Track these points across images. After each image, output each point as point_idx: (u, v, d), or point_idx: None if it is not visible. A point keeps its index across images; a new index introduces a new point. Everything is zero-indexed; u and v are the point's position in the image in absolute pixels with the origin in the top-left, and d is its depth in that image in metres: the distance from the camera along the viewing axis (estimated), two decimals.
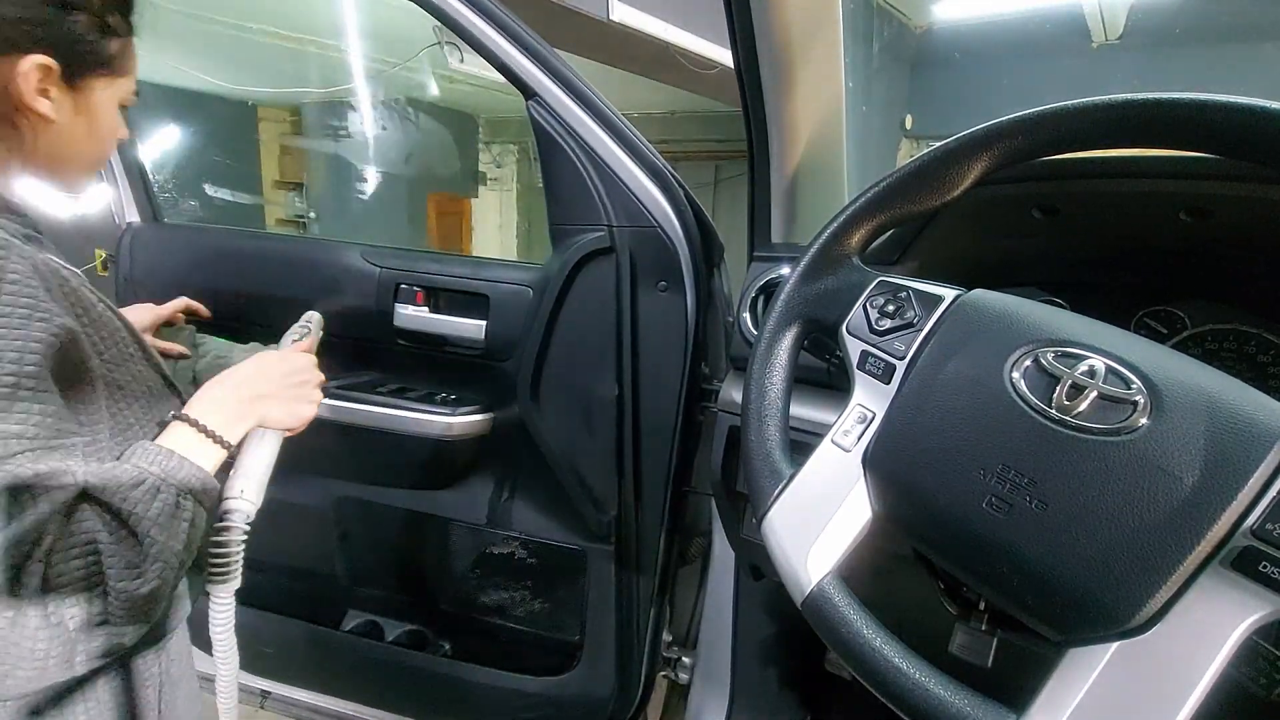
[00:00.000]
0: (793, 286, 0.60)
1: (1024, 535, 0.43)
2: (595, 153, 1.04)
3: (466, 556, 1.30)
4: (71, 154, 0.67)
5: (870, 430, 0.52)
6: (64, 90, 0.63)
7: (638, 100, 6.49)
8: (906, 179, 0.57)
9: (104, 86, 0.67)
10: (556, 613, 1.27)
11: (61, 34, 0.61)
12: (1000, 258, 0.83)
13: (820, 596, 0.49)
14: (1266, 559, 0.37)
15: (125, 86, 0.69)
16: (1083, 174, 0.69)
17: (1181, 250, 0.72)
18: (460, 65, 4.62)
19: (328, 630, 1.36)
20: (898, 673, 0.44)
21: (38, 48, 0.60)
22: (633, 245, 1.06)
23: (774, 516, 0.53)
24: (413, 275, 1.23)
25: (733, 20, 0.80)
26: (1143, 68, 4.65)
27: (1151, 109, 0.47)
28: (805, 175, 0.90)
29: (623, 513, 1.15)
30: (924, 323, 0.53)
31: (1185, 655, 0.38)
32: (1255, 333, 0.71)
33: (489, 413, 1.22)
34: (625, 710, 1.23)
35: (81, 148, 0.68)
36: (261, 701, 1.42)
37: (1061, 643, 0.42)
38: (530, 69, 1.03)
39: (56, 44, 0.61)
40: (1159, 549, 0.40)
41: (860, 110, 4.64)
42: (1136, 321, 0.76)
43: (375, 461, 1.26)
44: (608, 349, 1.09)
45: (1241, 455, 0.39)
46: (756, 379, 0.59)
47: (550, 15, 3.42)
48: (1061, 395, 0.45)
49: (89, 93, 0.65)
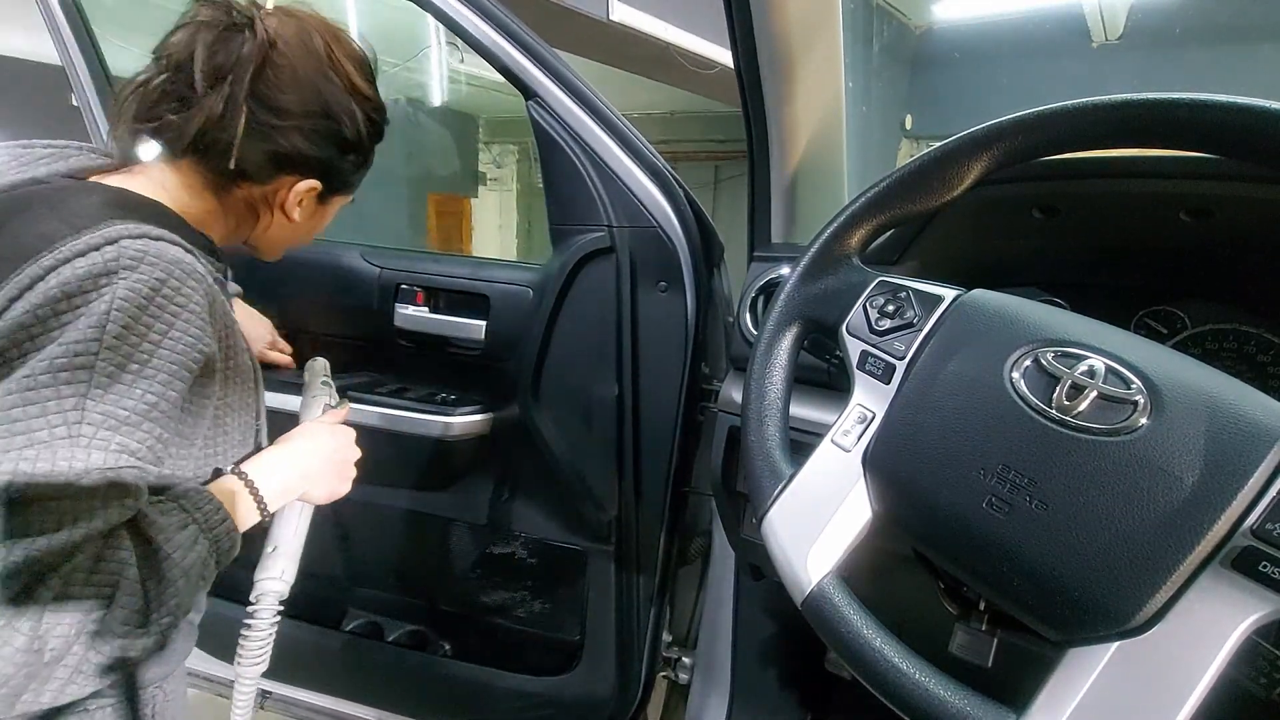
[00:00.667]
0: (793, 286, 0.60)
1: (1024, 535, 0.43)
2: (595, 153, 1.04)
3: (467, 556, 1.30)
4: (286, 243, 0.81)
5: (870, 430, 0.52)
6: (312, 204, 0.77)
7: (638, 100, 6.49)
8: (906, 179, 0.57)
9: (339, 202, 0.81)
10: (557, 613, 1.27)
11: (335, 169, 0.75)
12: (1000, 258, 0.83)
13: (820, 596, 0.49)
14: (1266, 559, 0.37)
15: (348, 199, 0.83)
16: (1083, 174, 0.69)
17: (1181, 250, 0.72)
18: (460, 65, 4.62)
19: (328, 630, 1.36)
20: (898, 673, 0.44)
21: (315, 175, 0.73)
22: (633, 245, 1.06)
23: (774, 516, 0.53)
24: (413, 275, 1.23)
25: (733, 20, 0.80)
26: (1143, 68, 4.65)
27: (1151, 109, 0.47)
28: (805, 175, 0.90)
29: (623, 513, 1.15)
30: (924, 323, 0.53)
31: (1185, 655, 0.38)
32: (1255, 333, 0.71)
33: (489, 413, 1.22)
34: (625, 710, 1.23)
35: (296, 239, 0.81)
36: (261, 701, 1.42)
37: (1061, 643, 0.42)
38: (530, 69, 1.03)
39: (328, 175, 0.75)
40: (1159, 549, 0.40)
41: (860, 110, 4.64)
42: (1136, 321, 0.76)
43: (375, 461, 1.26)
44: (608, 349, 1.09)
45: (1241, 455, 0.39)
46: (756, 379, 0.59)
47: (550, 15, 3.42)
48: (1061, 395, 0.45)
49: (328, 206, 0.81)
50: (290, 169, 0.71)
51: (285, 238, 0.80)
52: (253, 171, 0.70)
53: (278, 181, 0.72)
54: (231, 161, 0.67)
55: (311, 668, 1.38)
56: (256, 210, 0.74)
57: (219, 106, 0.65)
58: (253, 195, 0.72)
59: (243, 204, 0.73)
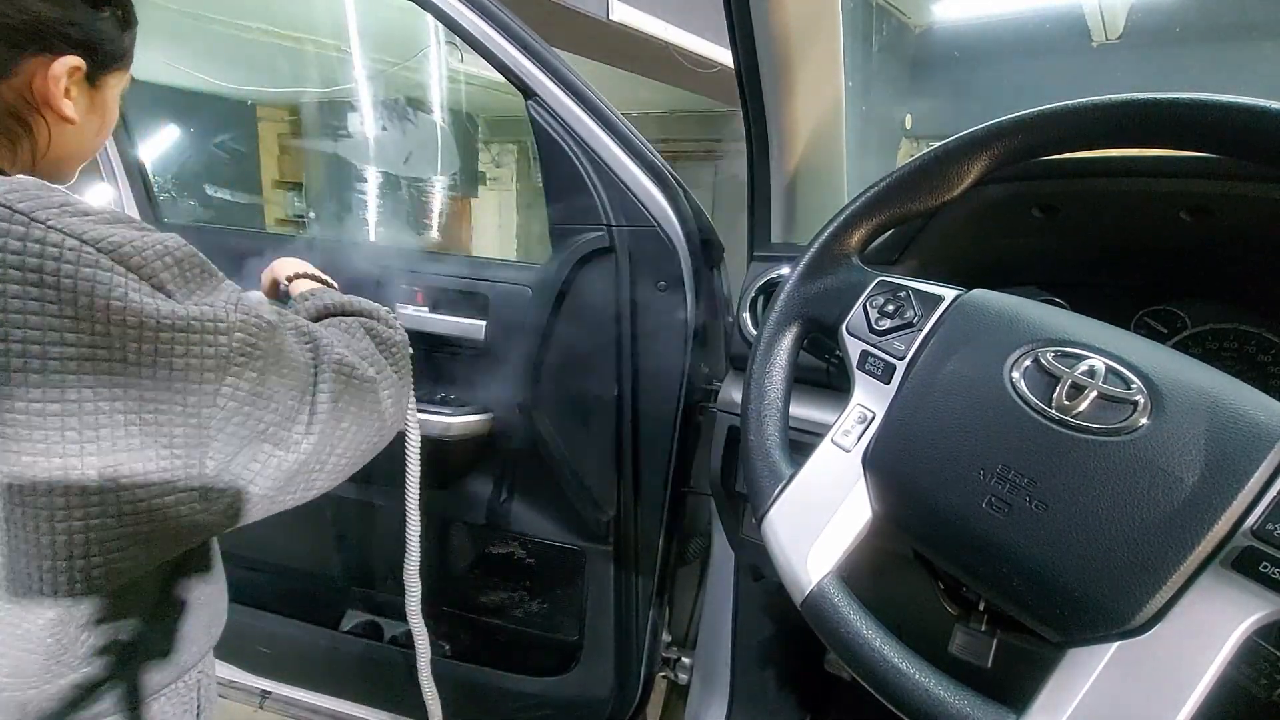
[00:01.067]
0: (792, 286, 0.60)
1: (1024, 535, 0.43)
2: (595, 153, 1.04)
3: (466, 556, 1.30)
4: (78, 151, 0.66)
5: (870, 430, 0.52)
6: (83, 89, 0.62)
7: (638, 100, 6.49)
8: (906, 179, 0.57)
9: (116, 82, 0.66)
10: (556, 613, 1.27)
11: (92, 33, 0.60)
12: (1000, 257, 0.83)
13: (820, 596, 0.49)
14: (1267, 559, 0.37)
15: (128, 75, 0.68)
16: (1083, 173, 0.69)
17: (1181, 250, 0.72)
18: (460, 65, 4.62)
19: (327, 630, 1.36)
20: (897, 673, 0.44)
21: (69, 48, 0.59)
22: (632, 245, 1.06)
23: (774, 516, 0.53)
24: (413, 275, 1.23)
25: (733, 20, 0.80)
26: (1143, 68, 4.65)
27: (1151, 109, 0.46)
28: (805, 175, 0.90)
29: (622, 513, 1.15)
30: (924, 323, 0.53)
31: (1185, 655, 0.38)
32: (1255, 332, 0.71)
33: (489, 413, 1.22)
34: (624, 711, 1.23)
35: (88, 144, 0.67)
36: (261, 701, 1.42)
37: (1061, 643, 0.42)
38: (530, 69, 1.03)
39: (87, 44, 0.60)
40: (1159, 549, 0.40)
41: (860, 110, 4.64)
42: (1136, 321, 0.76)
43: (375, 461, 1.26)
44: (607, 349, 1.09)
45: (1242, 455, 0.39)
46: (756, 379, 0.59)
47: (550, 15, 3.42)
48: (1061, 395, 0.45)
49: (104, 89, 0.65)
50: (33, 45, 0.57)
51: (73, 146, 0.64)
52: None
53: (25, 67, 0.57)
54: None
55: (311, 668, 1.38)
56: (24, 120, 0.59)
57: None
58: (7, 100, 0.58)
59: (4, 117, 0.59)
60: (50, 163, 0.64)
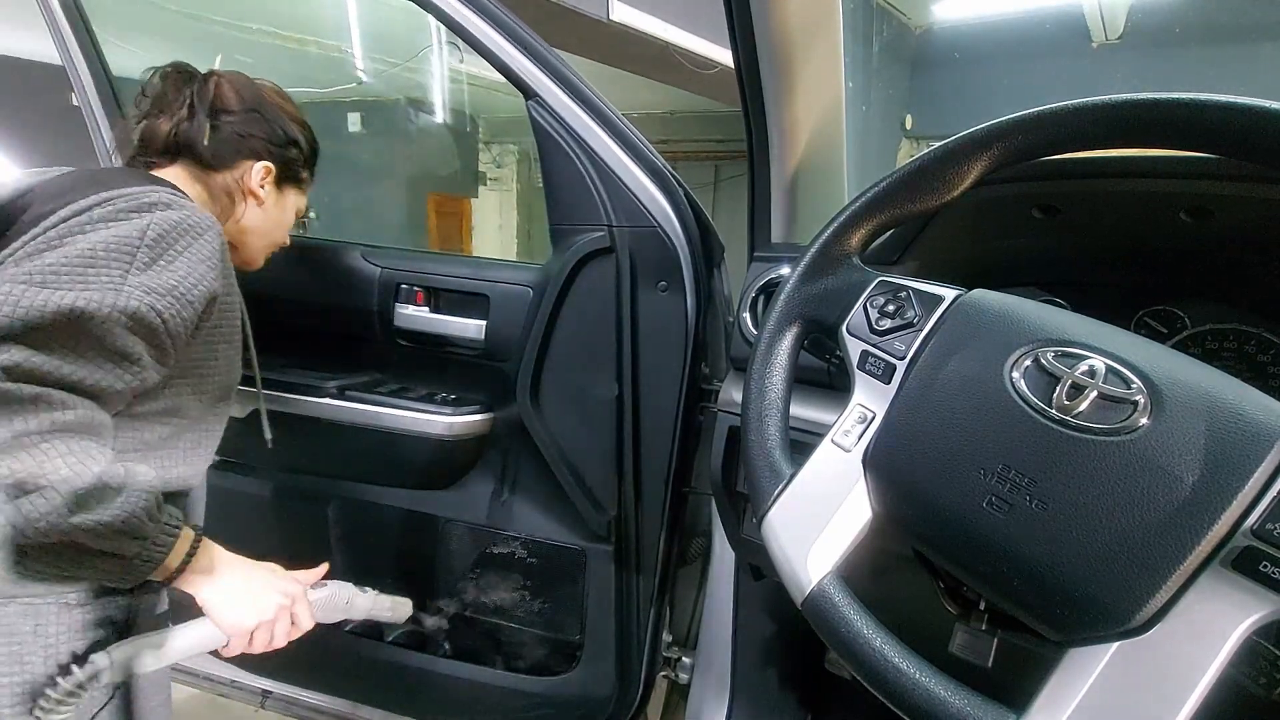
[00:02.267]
0: (793, 286, 0.60)
1: (1024, 535, 0.43)
2: (595, 153, 1.04)
3: (466, 556, 1.30)
4: (260, 232, 1.00)
5: (870, 430, 0.52)
6: (274, 188, 0.99)
7: (638, 100, 6.49)
8: (906, 179, 0.57)
9: (294, 195, 1.03)
10: (556, 613, 1.27)
11: (282, 155, 0.98)
12: (1000, 258, 0.83)
13: (820, 596, 0.49)
14: (1267, 559, 0.37)
15: (303, 202, 1.06)
16: (1083, 174, 0.69)
17: (1181, 250, 0.72)
18: (460, 65, 4.62)
19: (328, 630, 1.36)
20: (898, 672, 0.44)
21: (267, 159, 0.96)
22: (633, 245, 1.06)
23: (774, 516, 0.53)
24: (413, 275, 1.23)
25: (733, 20, 0.80)
26: (1143, 68, 4.65)
27: (1151, 109, 0.47)
28: (805, 175, 0.90)
29: (623, 513, 1.15)
30: (924, 323, 0.53)
31: (1185, 655, 0.38)
32: (1255, 333, 0.71)
33: (489, 413, 1.22)
34: (625, 710, 1.23)
35: (268, 230, 1.01)
36: (262, 701, 1.42)
37: (1061, 643, 0.42)
38: (530, 69, 1.03)
39: (277, 160, 0.97)
40: (1159, 549, 0.40)
41: (860, 110, 4.65)
42: (1136, 321, 0.76)
43: (375, 461, 1.26)
44: (608, 349, 1.09)
45: (1242, 455, 0.39)
46: (756, 379, 0.59)
47: (550, 15, 3.42)
48: (1061, 395, 0.45)
49: (285, 195, 1.01)
50: (246, 153, 0.94)
51: (259, 228, 0.99)
52: (222, 157, 0.93)
53: (241, 165, 0.94)
54: (205, 142, 0.91)
55: (311, 668, 1.38)
56: (233, 197, 0.95)
57: (183, 111, 0.90)
58: (228, 182, 0.94)
59: (223, 191, 0.94)
60: (240, 233, 0.97)
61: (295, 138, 0.99)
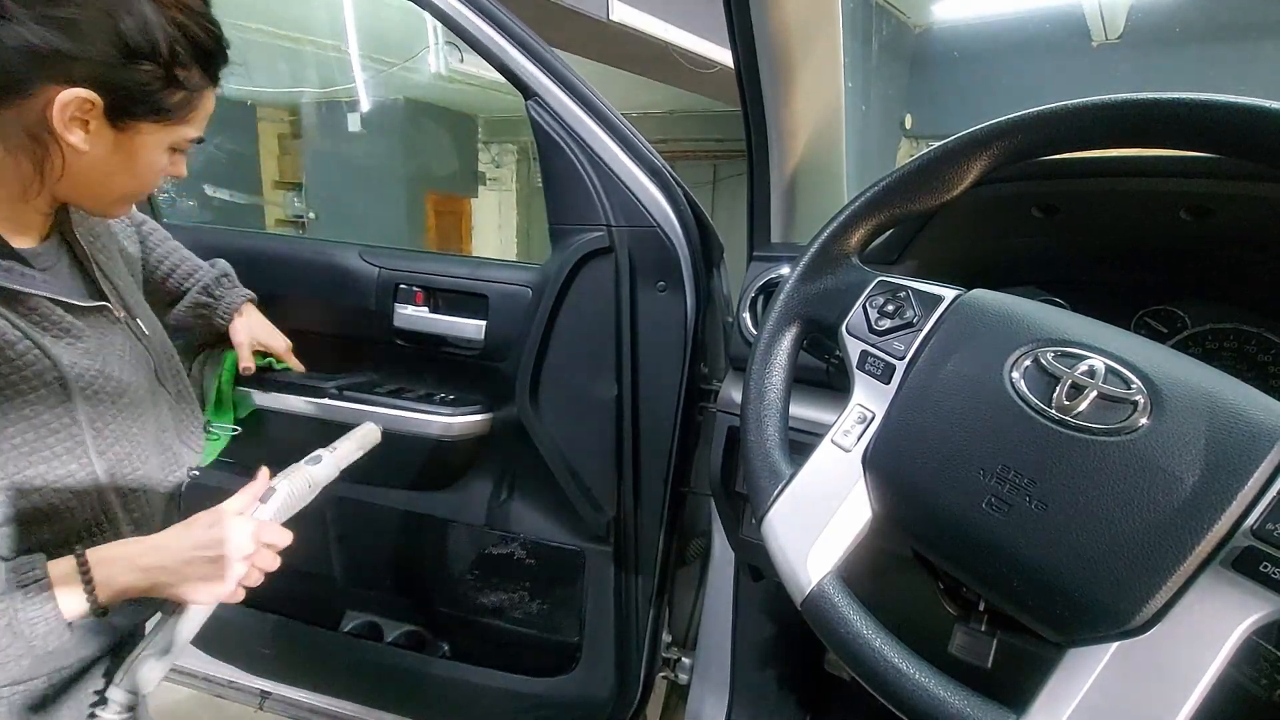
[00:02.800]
0: (792, 286, 0.60)
1: (1024, 535, 0.43)
2: (595, 153, 1.04)
3: (465, 557, 1.30)
4: (101, 185, 0.68)
5: (870, 430, 0.52)
6: (105, 125, 0.64)
7: (637, 100, 6.49)
8: (906, 179, 0.57)
9: (153, 130, 0.67)
10: (555, 613, 1.27)
11: (116, 78, 0.62)
12: (1000, 257, 0.83)
13: (820, 596, 0.49)
14: (1267, 559, 0.37)
15: (181, 133, 0.69)
16: (1083, 173, 0.69)
17: (1181, 250, 0.72)
18: (460, 65, 4.62)
19: (327, 631, 1.36)
20: (897, 673, 0.44)
21: (84, 84, 0.60)
22: (632, 245, 1.06)
23: (773, 517, 0.53)
24: (412, 275, 1.23)
25: (733, 20, 0.80)
26: (1143, 68, 4.65)
27: (1151, 109, 0.46)
28: (805, 175, 0.90)
29: (622, 513, 1.15)
30: (924, 323, 0.53)
31: (1185, 655, 0.38)
32: (1255, 332, 0.71)
33: (489, 413, 1.22)
34: (624, 711, 1.22)
35: (114, 181, 0.68)
36: (261, 701, 1.42)
37: (1061, 643, 0.42)
38: (530, 69, 1.03)
39: (106, 85, 0.61)
40: (1159, 549, 0.40)
41: (860, 110, 4.65)
42: (1136, 321, 0.76)
43: (374, 461, 1.26)
44: (607, 349, 1.09)
45: (1241, 455, 0.39)
46: (756, 379, 0.59)
47: (550, 15, 3.42)
48: (1061, 395, 0.45)
49: (133, 134, 0.66)
50: (46, 72, 0.59)
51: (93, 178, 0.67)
52: (5, 81, 0.59)
53: (41, 91, 0.60)
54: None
55: (311, 668, 1.38)
56: (42, 142, 0.63)
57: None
58: (25, 119, 0.61)
59: (23, 136, 0.62)
60: (68, 189, 0.67)
61: (149, 40, 0.62)
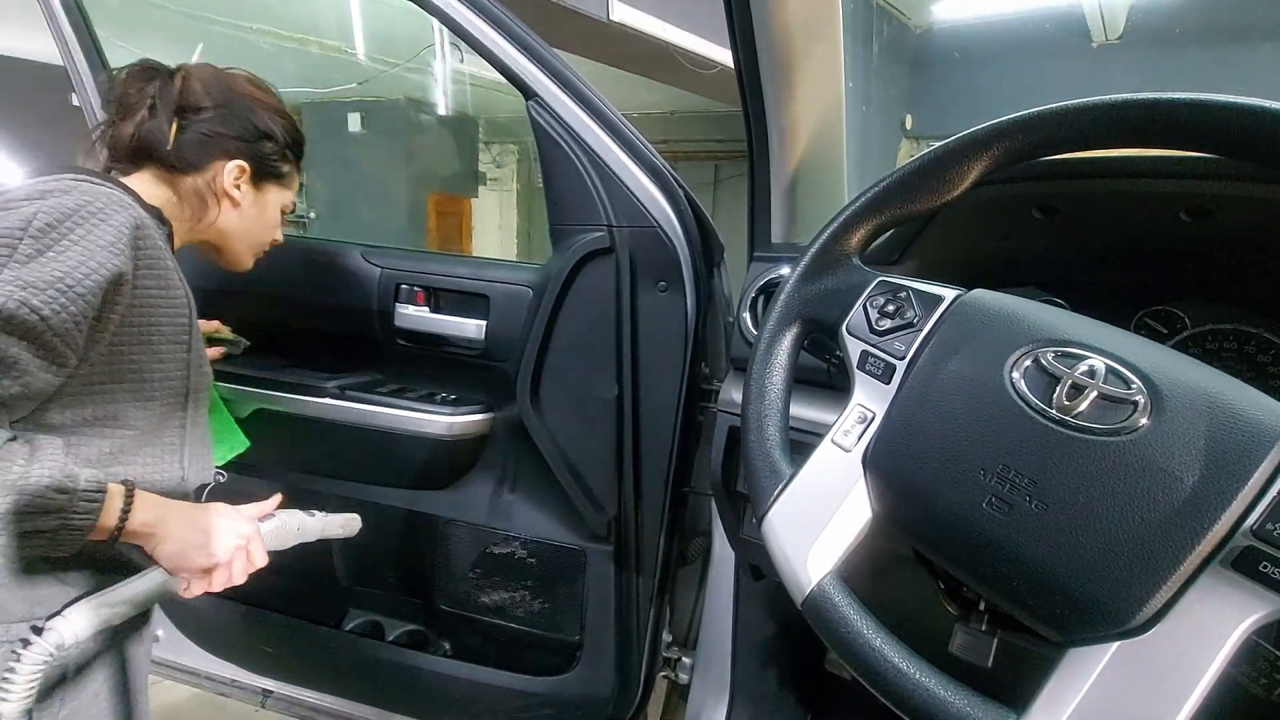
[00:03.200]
0: (793, 286, 0.60)
1: (1024, 535, 0.43)
2: (595, 153, 1.04)
3: (466, 556, 1.30)
4: (240, 233, 0.95)
5: (870, 430, 0.52)
6: (250, 187, 0.93)
7: (638, 100, 6.49)
8: (906, 179, 0.57)
9: (275, 192, 0.97)
10: (556, 613, 1.27)
11: (256, 151, 0.92)
12: (1000, 258, 0.83)
13: (820, 596, 0.49)
14: (1267, 559, 0.37)
15: (287, 195, 0.99)
16: (1083, 174, 0.69)
17: (1181, 250, 0.72)
18: (460, 65, 4.63)
19: (328, 630, 1.36)
20: (898, 673, 0.44)
21: (240, 157, 0.90)
22: (632, 245, 1.06)
23: (774, 516, 0.53)
24: (413, 275, 1.23)
25: (733, 20, 0.80)
26: (1143, 68, 4.65)
27: (1151, 109, 0.47)
28: (805, 175, 0.90)
29: (622, 513, 1.15)
30: (924, 323, 0.53)
31: (1185, 655, 0.38)
32: (1255, 333, 0.71)
33: (489, 413, 1.22)
34: (625, 710, 1.23)
35: (249, 230, 0.96)
36: (262, 701, 1.42)
37: (1061, 643, 0.42)
38: (530, 69, 1.03)
39: (252, 157, 0.91)
40: (1159, 549, 0.40)
41: (860, 110, 4.65)
42: (1136, 321, 0.76)
43: (375, 461, 1.26)
44: (608, 349, 1.09)
45: (1242, 455, 0.39)
46: (756, 379, 0.59)
47: (550, 15, 3.42)
48: (1062, 395, 0.45)
49: (265, 192, 0.95)
50: (217, 151, 0.89)
51: (238, 229, 0.94)
52: (189, 160, 0.87)
53: (211, 166, 0.89)
54: (169, 145, 0.85)
55: (311, 668, 1.38)
56: (205, 199, 0.90)
57: (145, 112, 0.85)
58: (198, 185, 0.89)
59: (193, 194, 0.89)
60: (218, 236, 0.94)
61: (270, 130, 0.92)
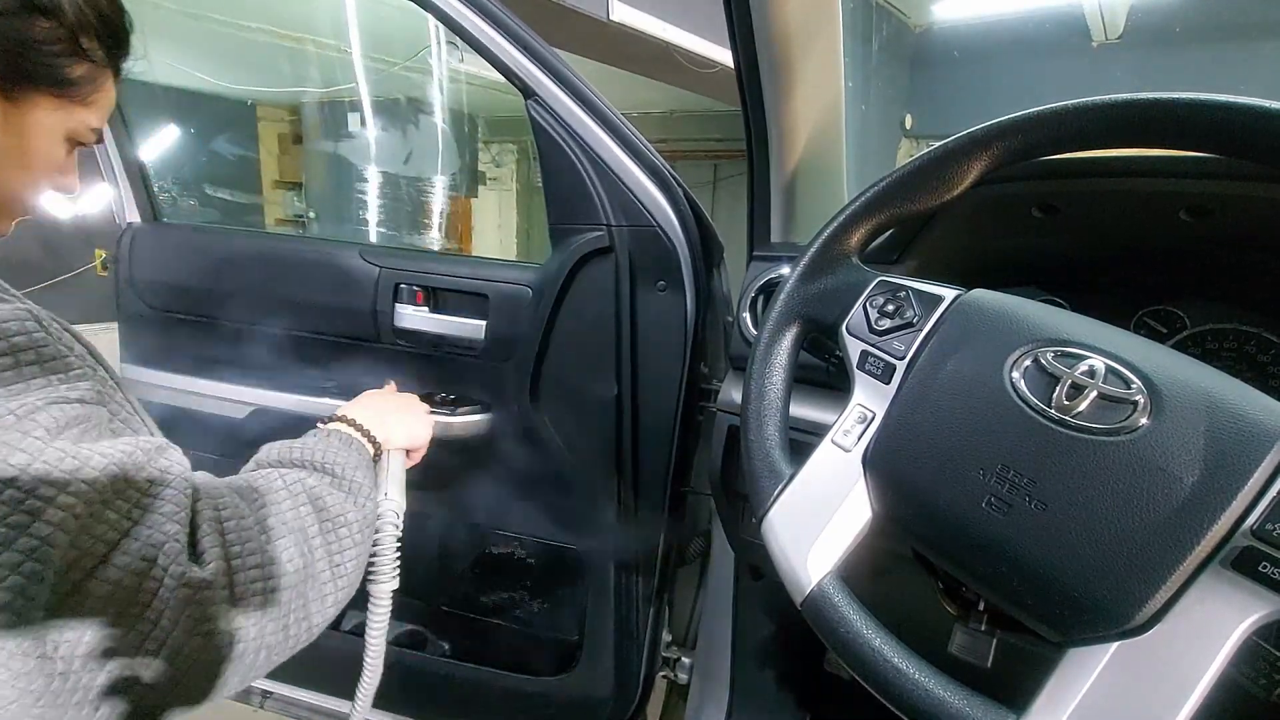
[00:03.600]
0: (792, 286, 0.60)
1: (1023, 535, 0.43)
2: (594, 152, 1.04)
3: (466, 557, 1.30)
4: None
5: (870, 430, 0.52)
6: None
7: (637, 100, 6.49)
8: (906, 179, 0.57)
9: (50, 109, 0.56)
10: (555, 613, 1.27)
11: (9, 29, 0.52)
12: (1000, 257, 0.83)
13: (820, 596, 0.49)
14: (1266, 559, 0.37)
15: (82, 118, 0.58)
16: (1083, 173, 0.69)
17: (1181, 250, 0.72)
18: (460, 65, 4.63)
19: (328, 630, 1.36)
20: (897, 673, 0.44)
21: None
22: (632, 245, 1.06)
23: (774, 516, 0.53)
24: (413, 275, 1.23)
25: (733, 20, 0.80)
26: (1143, 68, 4.65)
27: (1151, 109, 0.46)
28: (805, 175, 0.90)
29: (622, 513, 1.15)
30: (924, 323, 0.53)
31: (1185, 655, 0.38)
32: (1255, 333, 0.71)
33: (489, 412, 1.22)
34: (624, 710, 1.23)
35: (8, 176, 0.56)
36: (262, 701, 1.42)
37: (1061, 643, 0.42)
38: (530, 69, 1.03)
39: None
40: (1159, 549, 0.40)
41: (860, 110, 4.64)
42: (1136, 321, 0.76)
43: None
44: (607, 349, 1.09)
45: (1241, 455, 0.39)
46: (756, 379, 0.59)
47: (550, 15, 3.42)
48: (1061, 395, 0.45)
49: (28, 108, 0.55)
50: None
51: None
52: None
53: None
54: None
55: (312, 668, 1.38)
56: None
57: None
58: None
59: None
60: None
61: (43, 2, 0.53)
